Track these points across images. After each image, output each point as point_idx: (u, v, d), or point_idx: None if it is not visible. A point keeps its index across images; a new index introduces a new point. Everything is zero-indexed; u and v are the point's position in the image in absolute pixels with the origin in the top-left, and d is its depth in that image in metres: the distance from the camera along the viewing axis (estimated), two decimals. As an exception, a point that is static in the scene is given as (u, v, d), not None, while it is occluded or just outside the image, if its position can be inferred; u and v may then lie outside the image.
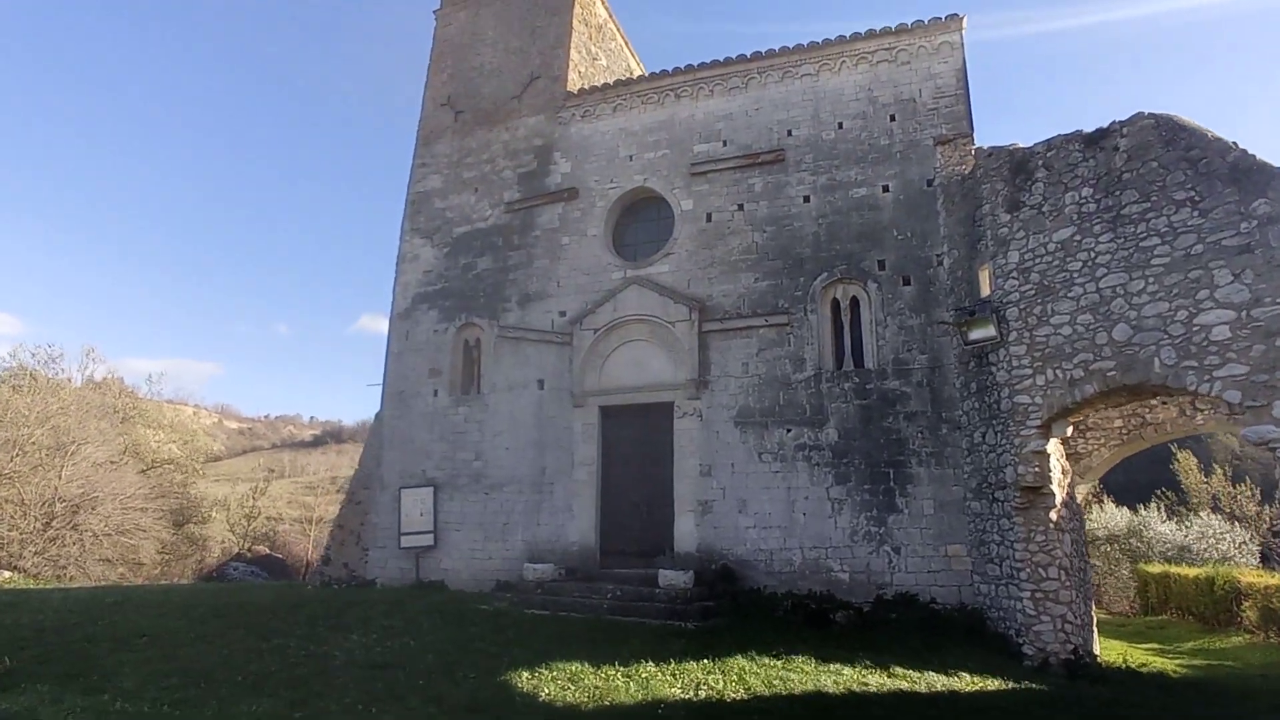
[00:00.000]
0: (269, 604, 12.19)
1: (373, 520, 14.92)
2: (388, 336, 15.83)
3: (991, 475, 10.11)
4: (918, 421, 11.43)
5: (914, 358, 11.68)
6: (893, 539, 11.17)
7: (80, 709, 6.19)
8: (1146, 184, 8.64)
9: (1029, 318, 9.59)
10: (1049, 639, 9.03)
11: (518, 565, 13.07)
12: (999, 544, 9.90)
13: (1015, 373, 9.64)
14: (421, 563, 14.06)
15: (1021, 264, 9.79)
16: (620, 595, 11.18)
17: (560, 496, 13.35)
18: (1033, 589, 9.20)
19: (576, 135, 15.04)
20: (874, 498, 11.40)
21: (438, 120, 16.69)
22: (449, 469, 14.40)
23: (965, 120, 12.29)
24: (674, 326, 13.06)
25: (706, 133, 13.95)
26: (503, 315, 14.67)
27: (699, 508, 12.34)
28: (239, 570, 22.58)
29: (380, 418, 15.61)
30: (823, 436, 11.88)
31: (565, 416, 13.64)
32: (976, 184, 10.78)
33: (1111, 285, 8.78)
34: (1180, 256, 8.23)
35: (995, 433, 10.07)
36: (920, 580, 10.88)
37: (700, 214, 13.60)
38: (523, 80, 15.96)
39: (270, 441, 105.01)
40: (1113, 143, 9.08)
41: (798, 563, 11.56)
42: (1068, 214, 9.38)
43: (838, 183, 12.80)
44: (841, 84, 13.22)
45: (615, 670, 7.78)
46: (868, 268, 12.29)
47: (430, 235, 15.94)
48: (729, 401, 12.57)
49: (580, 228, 14.47)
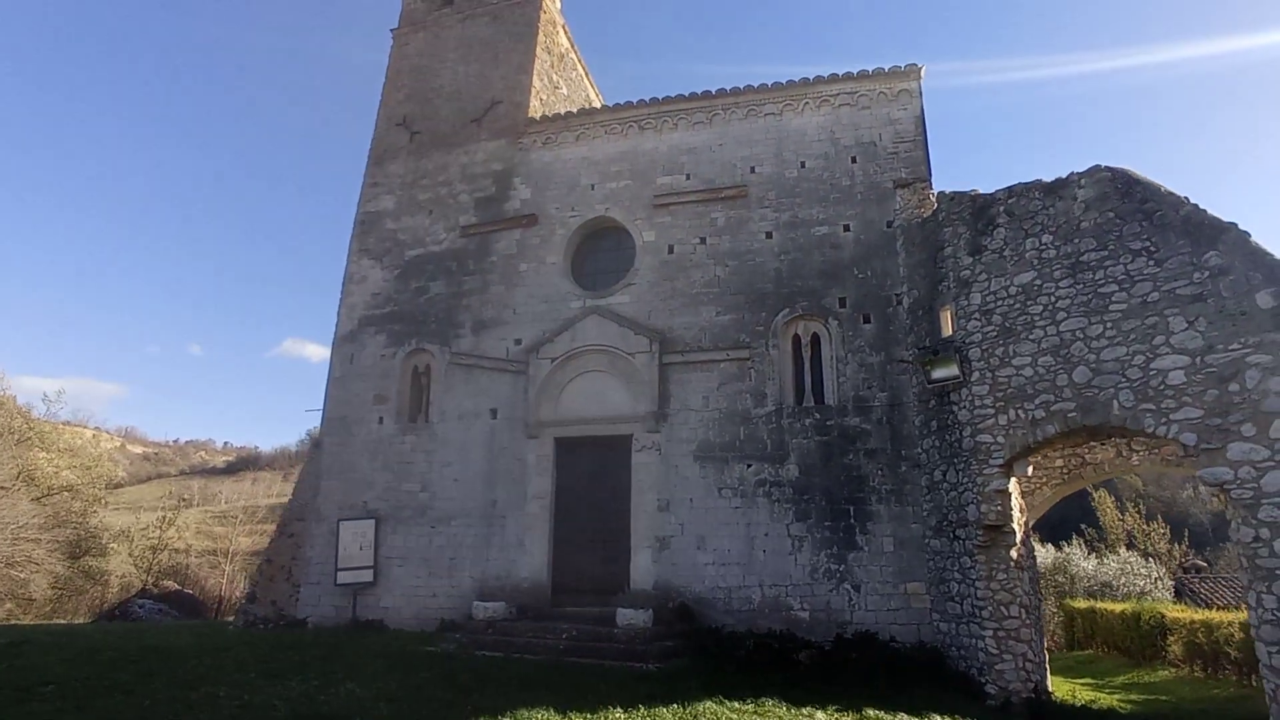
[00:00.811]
0: (189, 648, 11.21)
1: (306, 554, 14.02)
2: (330, 360, 15.09)
3: (952, 513, 10.22)
4: (878, 459, 11.52)
5: (874, 395, 11.81)
6: (853, 576, 11.13)
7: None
8: (1104, 233, 9.02)
9: (991, 358, 9.81)
10: (1011, 678, 9.08)
11: (465, 603, 12.45)
12: (960, 582, 9.97)
13: (978, 412, 9.83)
14: (359, 600, 13.23)
15: (984, 305, 10.05)
16: (577, 635, 10.73)
17: (512, 531, 12.84)
18: (995, 627, 9.27)
19: (538, 162, 14.84)
20: (834, 535, 11.37)
21: (392, 140, 16.23)
22: (393, 500, 13.69)
23: (924, 165, 12.69)
24: (634, 358, 12.86)
25: (670, 165, 13.97)
26: (455, 341, 14.18)
27: (657, 544, 12.06)
28: (145, 608, 20.82)
29: (319, 445, 14.78)
30: (783, 472, 11.83)
31: (519, 447, 13.20)
32: (938, 227, 11.07)
33: (1071, 329, 9.08)
34: (1137, 303, 8.57)
35: (956, 471, 10.20)
36: (880, 619, 10.85)
37: (662, 246, 13.55)
38: (483, 104, 15.71)
39: (178, 468, 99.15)
40: (1071, 192, 9.46)
41: (757, 600, 11.38)
42: (1029, 259, 9.69)
43: (800, 220, 12.97)
44: (804, 124, 13.48)
45: (584, 718, 7.37)
46: (829, 305, 12.43)
47: (380, 257, 15.37)
48: (689, 435, 12.40)
49: (539, 255, 14.20)
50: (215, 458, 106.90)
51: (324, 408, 14.91)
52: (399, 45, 17.32)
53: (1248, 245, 7.90)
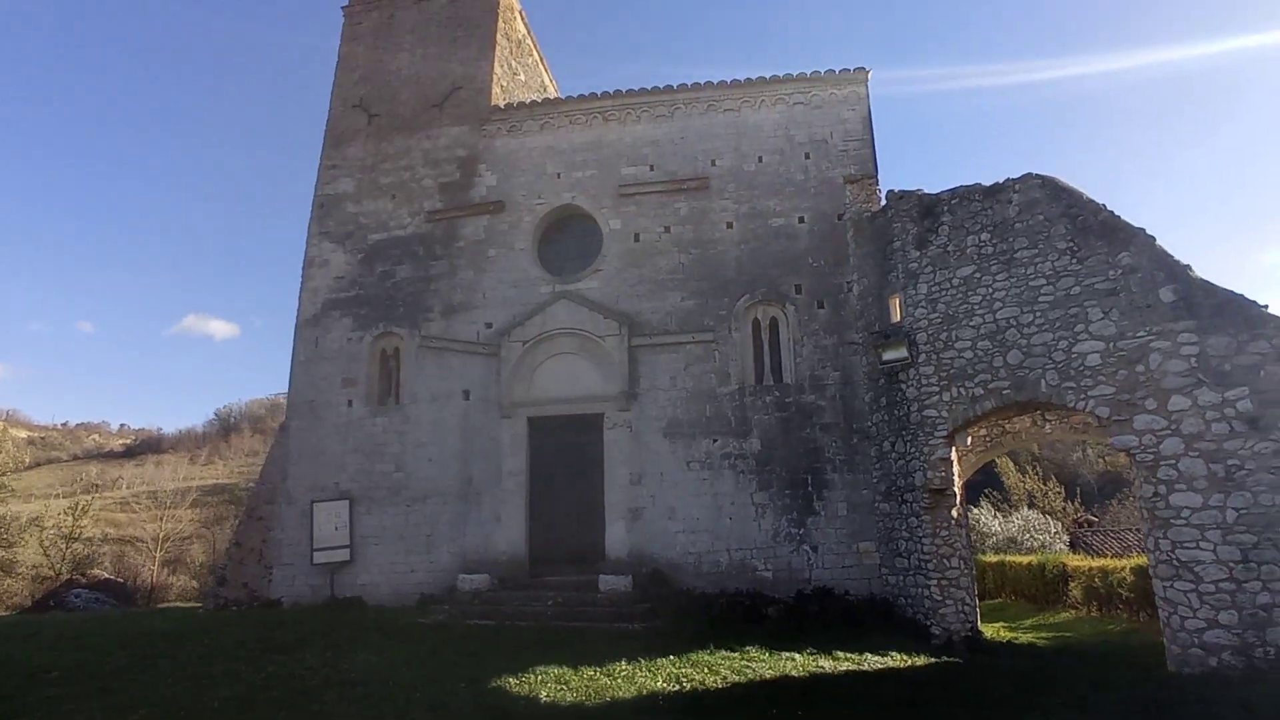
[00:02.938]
0: (173, 631, 11.37)
1: (277, 537, 14.17)
2: (294, 343, 15.09)
3: (900, 479, 11.49)
4: (832, 432, 12.70)
5: (828, 374, 12.95)
6: (811, 539, 12.32)
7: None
8: (1035, 233, 10.30)
9: (936, 342, 11.05)
10: (952, 620, 10.45)
11: (444, 578, 13.00)
12: (907, 540, 11.28)
13: (924, 389, 11.07)
14: (336, 579, 13.55)
15: (930, 295, 11.26)
16: (563, 602, 11.51)
17: (488, 507, 13.42)
18: (939, 577, 10.60)
19: (503, 149, 15.18)
20: (794, 502, 12.51)
21: (349, 122, 16.17)
22: (365, 481, 14.00)
23: (871, 163, 13.81)
24: (604, 340, 13.56)
25: (634, 156, 14.61)
26: (425, 325, 14.50)
27: (630, 515, 12.91)
28: (82, 597, 20.20)
29: (285, 429, 14.85)
30: (747, 446, 12.86)
31: (492, 427, 13.73)
32: (887, 222, 12.21)
33: (1006, 317, 10.36)
34: (1062, 296, 9.90)
35: (904, 442, 11.46)
36: (836, 575, 12.09)
37: (628, 234, 14.23)
38: (444, 89, 15.86)
39: (70, 453, 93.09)
40: (1007, 196, 10.71)
41: (725, 564, 12.43)
42: (969, 254, 10.92)
43: (758, 212, 13.90)
44: (761, 120, 14.37)
45: (596, 671, 8.18)
46: (786, 291, 13.45)
47: (342, 240, 15.41)
48: (658, 413, 13.25)
49: (507, 241, 14.63)
50: (111, 441, 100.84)
51: (290, 391, 14.96)
52: (351, 24, 17.13)
53: (1154, 248, 9.29)
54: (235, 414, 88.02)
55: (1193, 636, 8.21)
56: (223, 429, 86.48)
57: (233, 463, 71.03)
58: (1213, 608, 8.14)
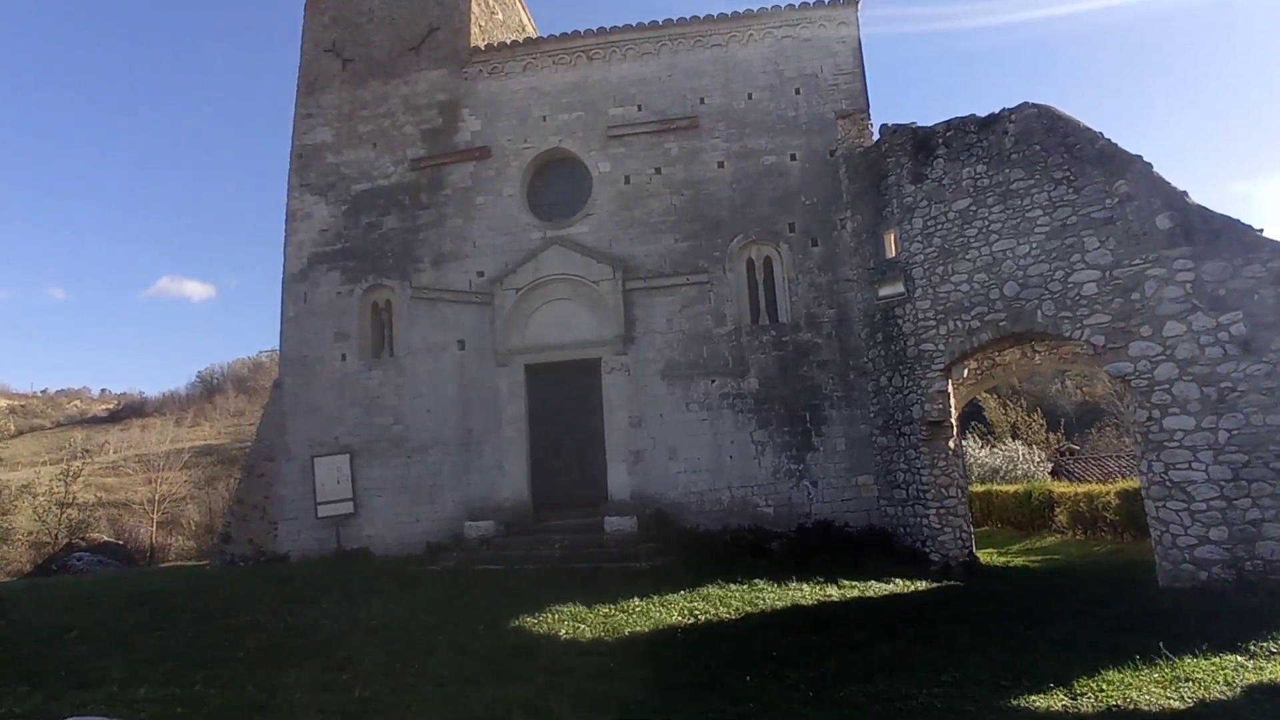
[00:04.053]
0: (184, 588, 11.47)
1: (280, 492, 14.23)
2: (281, 299, 14.88)
3: (898, 413, 11.67)
4: (829, 369, 12.82)
5: (823, 312, 13.01)
6: (811, 474, 12.57)
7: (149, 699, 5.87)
8: (1031, 164, 10.26)
9: (933, 276, 11.10)
10: (950, 546, 10.78)
11: (449, 526, 13.17)
12: (905, 471, 11.53)
13: (921, 324, 11.17)
14: (341, 531, 13.69)
15: (925, 229, 11.26)
16: (569, 544, 11.72)
17: (489, 455, 13.52)
18: (937, 506, 10.90)
19: (485, 92, 14.78)
20: (793, 438, 12.71)
21: (323, 68, 15.63)
22: (365, 435, 14.02)
23: (862, 97, 13.61)
24: (598, 285, 13.50)
25: (621, 96, 14.29)
26: (415, 276, 14.33)
27: (631, 457, 13.06)
28: (84, 560, 20.27)
29: (280, 385, 14.76)
30: (745, 385, 12.97)
31: (490, 376, 13.73)
32: (881, 157, 12.10)
33: (1002, 249, 10.40)
34: (1058, 226, 9.93)
35: (901, 376, 11.60)
36: (835, 508, 12.38)
37: (618, 176, 14.02)
38: (420, 31, 15.32)
39: (53, 420, 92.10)
40: (1002, 127, 10.63)
41: (727, 501, 12.67)
42: (965, 187, 10.89)
43: (749, 150, 13.72)
44: (750, 56, 14.06)
45: (610, 608, 8.38)
46: (779, 230, 13.39)
47: (324, 192, 15.07)
48: (655, 356, 13.30)
49: (495, 187, 14.38)
50: (94, 406, 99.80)
51: (280, 348, 14.83)
52: (318, -38, 16.38)
53: (1150, 175, 9.31)
54: (218, 375, 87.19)
55: (1184, 553, 8.53)
56: (206, 390, 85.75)
57: (219, 423, 70.68)
58: (1204, 525, 8.44)
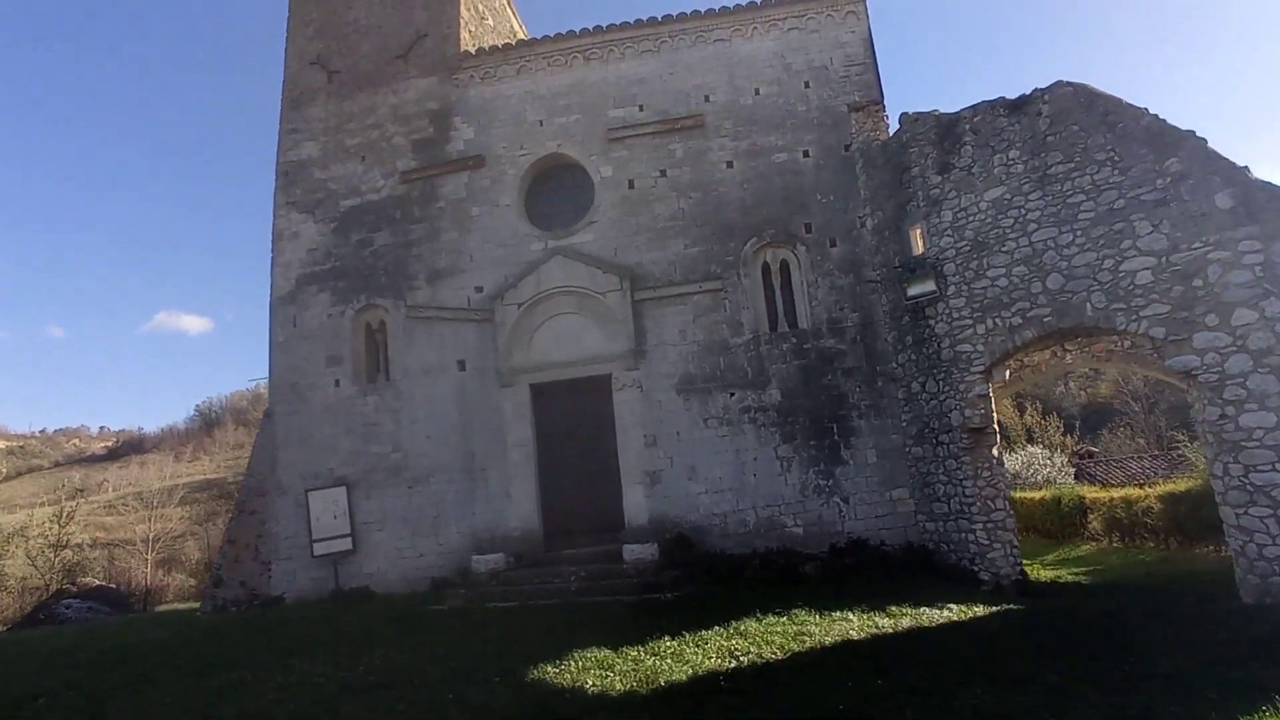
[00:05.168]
0: (170, 640, 10.57)
1: (272, 530, 13.34)
2: (269, 323, 14.06)
3: (934, 421, 10.83)
4: (855, 376, 11.99)
5: (846, 316, 12.20)
6: (841, 489, 11.70)
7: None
8: (1070, 146, 9.51)
9: (966, 272, 10.31)
10: (1001, 564, 9.90)
11: (455, 559, 12.30)
12: (945, 483, 10.67)
13: (956, 323, 10.36)
14: (340, 570, 12.78)
15: (955, 222, 10.48)
16: (586, 576, 10.83)
17: (496, 481, 12.65)
18: (984, 520, 10.02)
19: (477, 99, 14.06)
20: (820, 452, 11.85)
21: (308, 81, 14.93)
22: (362, 464, 13.15)
23: (875, 87, 12.90)
24: (605, 297, 12.70)
25: (621, 97, 13.57)
26: (410, 294, 13.53)
27: (647, 479, 12.20)
28: (73, 608, 19.28)
29: (270, 415, 13.91)
30: (766, 397, 12.14)
31: (493, 397, 12.90)
32: (902, 148, 11.36)
33: (1043, 239, 9.62)
34: (1104, 211, 9.16)
35: (936, 381, 10.78)
36: (869, 526, 11.50)
37: (621, 181, 13.27)
38: (407, 39, 14.64)
39: (51, 459, 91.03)
40: (1035, 108, 9.89)
41: (753, 522, 11.79)
42: (997, 174, 10.13)
43: (759, 148, 12.98)
44: (755, 50, 13.36)
45: (639, 650, 7.50)
46: (795, 231, 12.62)
47: (311, 209, 14.30)
48: (669, 370, 12.47)
49: (491, 197, 13.61)
50: (92, 444, 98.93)
51: (270, 375, 13.99)
52: (300, -26, 15.75)
53: (1206, 151, 8.55)
54: (216, 408, 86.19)
55: (1272, 565, 7.68)
56: (205, 424, 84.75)
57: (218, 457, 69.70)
58: (1296, 532, 7.60)
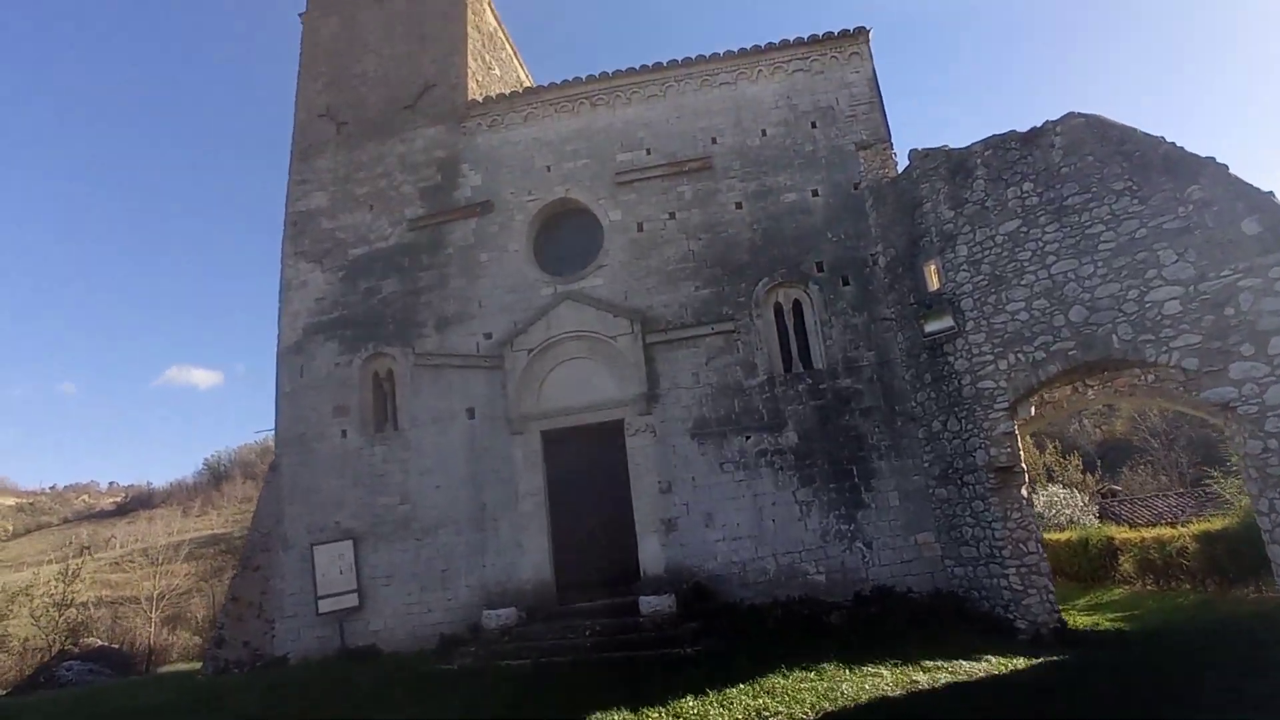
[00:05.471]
0: (171, 705, 10.18)
1: (276, 587, 12.94)
2: (276, 374, 13.89)
3: (958, 460, 10.47)
4: (873, 417, 11.67)
5: (862, 355, 11.94)
6: (864, 534, 11.27)
7: None
8: (1085, 176, 9.36)
9: (984, 307, 10.07)
10: (1038, 611, 9.42)
11: (466, 614, 11.86)
12: (973, 526, 10.25)
13: (976, 360, 10.08)
14: (346, 627, 12.34)
15: (971, 257, 10.29)
16: (601, 630, 10.37)
17: (506, 532, 12.28)
18: (1017, 564, 9.59)
19: (485, 146, 14.11)
20: (841, 495, 11.46)
21: (317, 132, 15.06)
22: (369, 517, 12.81)
23: (882, 126, 12.87)
24: (616, 341, 12.50)
25: (628, 141, 13.59)
26: (419, 342, 13.37)
27: (663, 527, 11.81)
28: (74, 670, 18.77)
29: (276, 468, 13.64)
30: (783, 440, 11.81)
31: (503, 446, 12.61)
32: (913, 184, 11.25)
33: (1063, 270, 9.41)
34: (1125, 240, 8.95)
35: (958, 419, 10.45)
36: (894, 572, 11.04)
37: (630, 224, 13.19)
38: (415, 89, 14.79)
39: (60, 516, 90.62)
40: (1048, 140, 9.78)
41: (772, 571, 11.35)
42: (1011, 207, 9.97)
43: (768, 188, 12.91)
44: (760, 92, 13.40)
45: (659, 713, 7.11)
46: (806, 270, 12.45)
47: (319, 259, 14.27)
48: (682, 414, 12.19)
49: (499, 243, 13.55)
50: (101, 500, 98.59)
51: (276, 427, 13.76)
52: (310, 31, 16.04)
53: (1228, 177, 8.37)
54: (225, 461, 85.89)
55: (1332, 606, 7.22)
56: (214, 478, 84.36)
57: (226, 511, 69.16)
58: (1354, 572, 7.16)
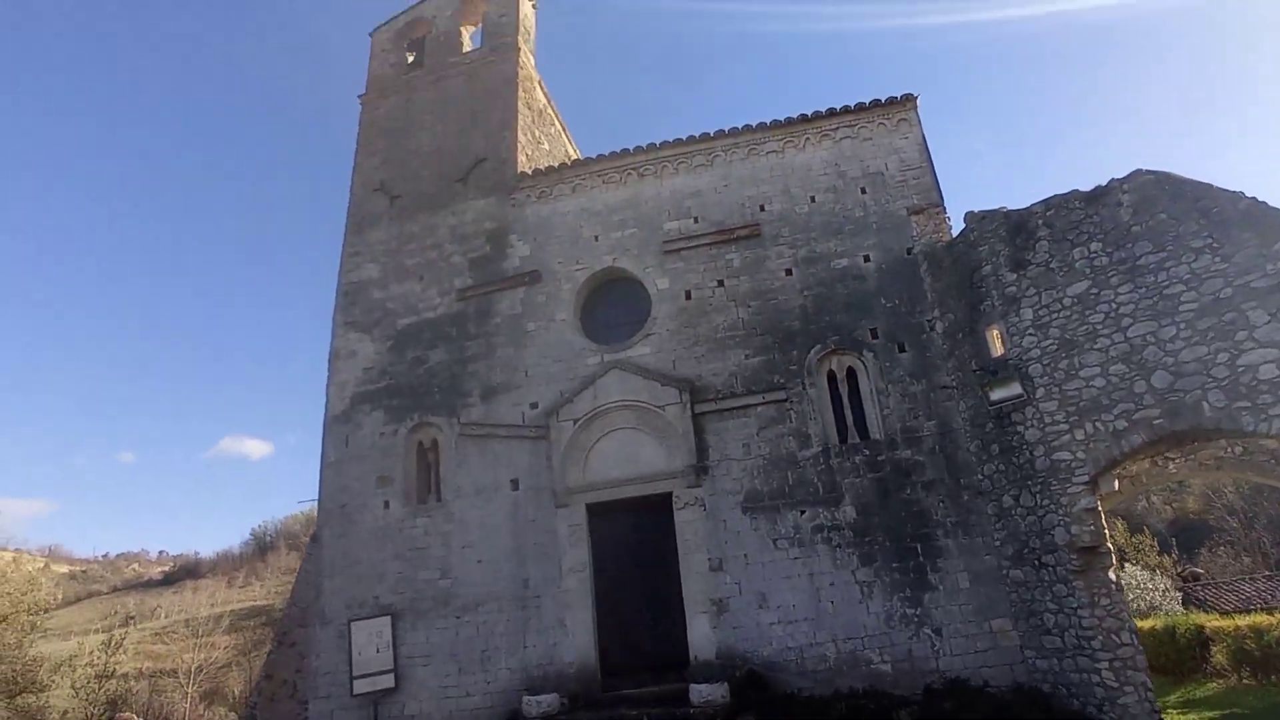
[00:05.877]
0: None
1: (312, 664, 12.51)
2: (322, 444, 13.84)
3: (1034, 539, 9.70)
4: (937, 490, 10.99)
5: (922, 424, 11.35)
6: (932, 619, 10.44)
7: None
8: (1159, 235, 8.91)
9: (1055, 372, 9.50)
10: (1136, 711, 8.47)
11: (504, 699, 11.26)
12: (1056, 612, 9.39)
13: (1049, 429, 9.45)
14: (380, 710, 11.79)
15: (1037, 320, 9.79)
16: (650, 720, 9.67)
17: (549, 610, 11.74)
18: (1109, 657, 8.68)
19: (534, 217, 14.27)
20: (905, 576, 10.70)
21: (371, 206, 15.46)
22: (409, 592, 12.42)
23: (934, 190, 12.63)
24: (664, 410, 12.15)
25: (676, 210, 13.59)
26: (464, 411, 13.22)
27: (713, 607, 11.15)
28: (108, 747, 18.43)
29: (317, 540, 13.43)
30: (840, 515, 11.17)
31: (547, 519, 12.20)
32: (970, 247, 10.89)
33: (1140, 334, 8.85)
34: (1209, 301, 8.41)
35: (1031, 494, 9.74)
36: (968, 662, 10.13)
37: (678, 292, 13.03)
38: (467, 163, 15.15)
39: (110, 585, 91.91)
40: (1115, 199, 9.38)
41: (832, 658, 10.54)
42: (1079, 268, 9.52)
43: (818, 255, 12.67)
44: (808, 160, 13.34)
45: (716, 818, 6.39)
46: (860, 337, 12.04)
47: (369, 329, 14.39)
48: (733, 486, 11.67)
49: (547, 312, 13.49)
50: (150, 569, 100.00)
51: (319, 497, 13.62)
52: (369, 111, 16.71)
53: (1320, 231, 7.84)
54: (270, 532, 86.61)
55: None
56: (259, 548, 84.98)
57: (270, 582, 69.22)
58: None
